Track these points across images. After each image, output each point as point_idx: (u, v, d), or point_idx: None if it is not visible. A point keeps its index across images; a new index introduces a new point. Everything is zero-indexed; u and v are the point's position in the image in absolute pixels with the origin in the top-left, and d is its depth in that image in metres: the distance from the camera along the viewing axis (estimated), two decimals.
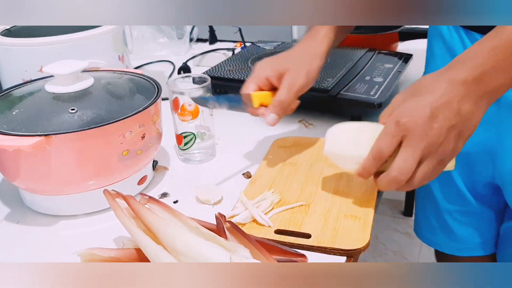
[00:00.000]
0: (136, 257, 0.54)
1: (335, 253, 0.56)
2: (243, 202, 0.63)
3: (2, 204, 0.70)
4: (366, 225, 0.60)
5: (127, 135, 0.64)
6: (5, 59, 0.85)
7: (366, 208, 0.62)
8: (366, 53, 1.05)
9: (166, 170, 0.78)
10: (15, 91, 0.70)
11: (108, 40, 0.88)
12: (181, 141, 0.77)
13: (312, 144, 0.80)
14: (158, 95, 0.69)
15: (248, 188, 0.69)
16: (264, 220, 0.60)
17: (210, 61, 1.21)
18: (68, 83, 0.66)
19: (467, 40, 0.70)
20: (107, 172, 0.65)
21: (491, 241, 0.89)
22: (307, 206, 0.64)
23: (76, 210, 0.67)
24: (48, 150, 0.59)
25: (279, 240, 0.58)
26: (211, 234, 0.52)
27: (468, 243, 0.88)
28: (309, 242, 0.57)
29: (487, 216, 0.86)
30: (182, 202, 0.69)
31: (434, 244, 0.93)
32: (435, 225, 0.90)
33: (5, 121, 0.62)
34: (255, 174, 0.72)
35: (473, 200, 0.84)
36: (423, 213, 0.93)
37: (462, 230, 0.87)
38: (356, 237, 0.57)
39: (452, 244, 0.90)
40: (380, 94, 0.86)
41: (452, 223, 0.87)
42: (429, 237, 0.93)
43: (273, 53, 1.07)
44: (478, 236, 0.88)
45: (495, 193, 0.82)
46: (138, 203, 0.56)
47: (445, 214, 0.87)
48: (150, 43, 1.35)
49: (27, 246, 0.62)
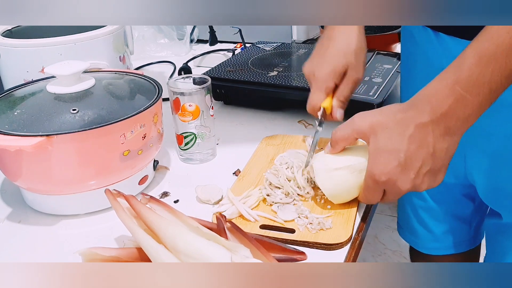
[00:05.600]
0: (137, 256, 0.54)
1: (318, 247, 0.58)
2: (229, 198, 0.64)
3: (4, 204, 0.71)
4: (349, 220, 0.61)
5: (128, 135, 0.64)
6: (6, 60, 0.85)
7: (350, 204, 0.64)
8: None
9: (167, 170, 0.78)
10: (17, 92, 0.71)
11: (109, 41, 0.88)
12: (181, 141, 0.78)
13: (300, 142, 0.81)
14: (159, 95, 0.70)
15: (236, 185, 0.70)
16: (250, 216, 0.62)
17: (211, 61, 1.21)
18: (69, 83, 0.67)
19: (435, 41, 0.70)
20: (108, 172, 0.65)
21: (466, 240, 0.90)
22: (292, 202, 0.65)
23: (77, 210, 0.67)
24: (50, 150, 0.60)
25: (264, 235, 0.59)
26: (211, 233, 0.52)
27: (444, 241, 0.90)
28: (292, 237, 0.59)
29: (462, 215, 0.87)
30: (183, 202, 0.69)
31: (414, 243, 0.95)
32: (413, 223, 0.91)
33: (7, 121, 0.63)
34: (242, 171, 0.73)
35: (449, 199, 0.85)
36: (403, 212, 0.94)
37: (438, 228, 0.89)
38: (339, 232, 0.59)
39: (430, 244, 0.91)
40: (379, 94, 0.87)
41: (429, 221, 0.89)
42: (409, 236, 0.95)
43: (273, 54, 1.09)
44: (454, 235, 0.89)
45: (469, 191, 0.83)
46: (139, 202, 0.56)
47: (422, 212, 0.89)
48: (151, 44, 1.35)
49: (28, 245, 0.62)
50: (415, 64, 0.76)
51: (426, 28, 0.70)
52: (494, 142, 0.68)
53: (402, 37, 0.81)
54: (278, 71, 0.97)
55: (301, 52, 1.10)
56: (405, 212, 0.93)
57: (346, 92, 0.70)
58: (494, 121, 0.66)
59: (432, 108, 0.52)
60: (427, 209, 0.88)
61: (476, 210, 0.87)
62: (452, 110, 0.52)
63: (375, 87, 0.89)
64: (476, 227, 0.90)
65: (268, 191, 0.66)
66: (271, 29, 1.29)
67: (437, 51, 0.69)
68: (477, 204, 0.86)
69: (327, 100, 0.70)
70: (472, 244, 0.91)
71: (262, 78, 0.94)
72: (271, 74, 0.96)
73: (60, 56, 0.82)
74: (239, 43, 1.28)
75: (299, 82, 0.92)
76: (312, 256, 0.56)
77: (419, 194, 0.87)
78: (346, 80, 0.70)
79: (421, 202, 0.88)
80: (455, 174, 0.76)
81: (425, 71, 0.55)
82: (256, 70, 0.98)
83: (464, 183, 0.78)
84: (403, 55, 0.82)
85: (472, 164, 0.73)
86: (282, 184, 0.66)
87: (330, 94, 0.70)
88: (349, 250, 0.58)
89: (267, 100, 0.94)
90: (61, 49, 0.82)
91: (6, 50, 0.84)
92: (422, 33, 0.72)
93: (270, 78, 0.94)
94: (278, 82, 0.92)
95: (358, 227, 0.62)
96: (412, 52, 0.77)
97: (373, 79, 0.93)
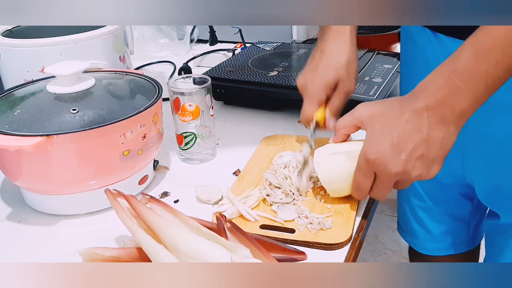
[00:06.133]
0: (137, 256, 0.55)
1: (318, 247, 0.58)
2: (229, 198, 0.64)
3: (4, 204, 0.71)
4: (349, 220, 0.61)
5: (128, 135, 0.64)
6: (6, 60, 0.85)
7: (350, 205, 0.64)
8: (365, 53, 1.06)
9: (167, 170, 0.78)
10: (17, 92, 0.71)
11: (109, 41, 0.88)
12: (181, 141, 0.78)
13: (299, 142, 0.81)
14: (159, 95, 0.70)
15: (236, 185, 0.70)
16: (250, 215, 0.62)
17: (211, 61, 1.21)
18: (69, 83, 0.67)
19: (434, 41, 0.70)
20: (108, 171, 0.65)
21: (465, 241, 0.90)
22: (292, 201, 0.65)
23: (77, 210, 0.67)
24: (50, 150, 0.60)
25: (264, 235, 0.59)
26: (211, 233, 0.52)
27: (443, 242, 0.90)
28: (292, 237, 0.59)
29: (461, 215, 0.87)
30: (183, 202, 0.69)
31: (413, 244, 0.95)
32: (412, 223, 0.91)
33: (7, 121, 0.63)
34: (242, 171, 0.73)
35: (447, 199, 0.85)
36: (402, 212, 0.94)
37: (437, 229, 0.89)
38: (339, 232, 0.59)
39: (429, 244, 0.91)
40: (379, 94, 0.87)
41: (428, 221, 0.89)
42: (408, 237, 0.95)
43: (273, 54, 1.09)
44: (452, 236, 0.89)
45: (468, 191, 0.83)
46: (139, 202, 0.56)
47: (420, 212, 0.89)
48: (151, 44, 1.35)
49: (28, 245, 0.63)
50: (414, 64, 0.76)
51: (425, 29, 0.70)
52: (492, 144, 0.68)
53: (402, 37, 0.81)
54: (278, 71, 0.97)
55: (301, 52, 1.10)
56: (404, 212, 0.93)
57: (338, 103, 0.71)
58: (493, 122, 0.66)
59: (427, 95, 0.53)
60: (426, 209, 0.88)
61: (475, 211, 0.87)
62: (447, 99, 0.52)
63: (375, 87, 0.89)
64: (475, 228, 0.90)
65: (268, 191, 0.66)
66: (271, 29, 1.29)
67: (436, 52, 0.69)
68: (475, 204, 0.86)
69: (320, 112, 0.71)
70: (471, 245, 0.92)
71: (262, 78, 0.94)
72: (271, 74, 0.96)
73: (60, 56, 0.82)
74: (239, 43, 1.28)
75: None
76: (312, 256, 0.56)
77: (417, 193, 0.87)
78: (337, 92, 0.71)
79: (419, 202, 0.88)
80: (452, 174, 0.76)
81: (424, 71, 0.56)
82: (256, 70, 0.98)
83: (462, 183, 0.78)
84: (403, 55, 0.82)
85: (471, 165, 0.73)
86: (281, 183, 0.66)
87: (322, 105, 0.71)
88: (349, 250, 0.58)
89: (267, 100, 0.94)
90: (61, 49, 0.82)
91: (6, 50, 0.84)
92: (421, 33, 0.72)
93: (270, 78, 0.94)
94: (278, 82, 0.92)
95: (358, 227, 0.62)
96: (412, 52, 0.77)
97: (373, 79, 0.93)
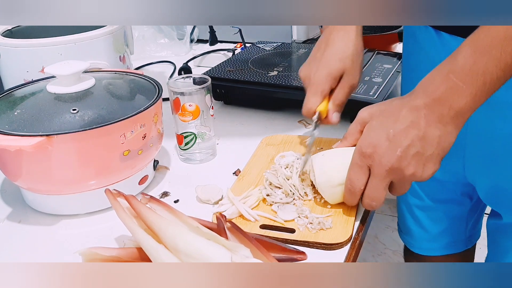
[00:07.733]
0: (137, 256, 0.55)
1: (318, 247, 0.58)
2: (229, 198, 0.64)
3: (4, 204, 0.71)
4: (349, 220, 0.61)
5: (128, 135, 0.64)
6: (6, 60, 0.85)
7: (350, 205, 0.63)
8: (366, 53, 1.05)
9: (167, 170, 0.78)
10: (17, 92, 0.71)
11: (109, 41, 0.88)
12: (181, 141, 0.78)
13: (300, 142, 0.81)
14: (159, 95, 0.70)
15: (236, 185, 0.70)
16: (250, 215, 0.62)
17: (211, 61, 1.21)
18: (69, 83, 0.67)
19: (437, 40, 0.70)
20: (108, 171, 0.65)
21: (462, 240, 0.90)
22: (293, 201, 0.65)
23: (77, 210, 0.67)
24: (50, 150, 0.60)
25: (264, 235, 0.59)
26: (211, 233, 0.52)
27: (440, 241, 0.90)
28: (293, 237, 0.59)
29: (459, 213, 0.87)
30: (183, 202, 0.69)
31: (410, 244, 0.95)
32: (409, 223, 0.91)
33: (7, 121, 0.63)
34: (242, 171, 0.73)
35: (446, 198, 0.85)
36: (400, 212, 0.94)
37: (434, 228, 0.89)
38: (339, 232, 0.59)
39: (426, 244, 0.91)
40: (379, 94, 0.87)
41: (425, 220, 0.89)
42: (405, 237, 0.95)
43: (273, 54, 1.09)
44: (450, 235, 0.89)
45: (468, 190, 0.83)
46: (139, 202, 0.56)
47: (417, 211, 0.89)
48: (151, 44, 1.35)
49: (28, 245, 0.63)
50: (416, 63, 0.76)
51: (428, 27, 0.70)
52: (494, 143, 0.68)
53: (404, 36, 0.81)
54: (278, 71, 0.97)
55: (301, 52, 1.10)
56: (402, 212, 0.93)
57: (342, 96, 0.70)
58: (494, 121, 0.66)
59: (425, 93, 0.53)
60: (424, 208, 0.88)
61: (473, 209, 0.88)
62: (445, 97, 0.52)
63: (375, 87, 0.89)
64: (472, 226, 0.90)
65: (268, 191, 0.66)
66: (271, 29, 1.29)
67: (439, 50, 0.69)
68: (474, 202, 0.86)
69: (323, 104, 0.69)
70: (467, 244, 0.92)
71: (262, 78, 0.94)
72: (271, 74, 0.96)
73: (60, 56, 0.82)
74: (239, 43, 1.28)
75: (299, 82, 0.91)
76: (312, 256, 0.56)
77: (415, 192, 0.87)
78: (342, 84, 0.70)
79: (417, 201, 0.88)
80: (453, 173, 0.76)
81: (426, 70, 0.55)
82: (256, 70, 0.98)
83: (463, 182, 0.78)
84: (405, 54, 0.82)
85: (472, 164, 0.73)
86: (282, 183, 0.66)
87: (325, 97, 0.70)
88: (349, 250, 0.58)
89: (267, 100, 0.94)
90: (61, 49, 0.82)
91: (6, 50, 0.84)
92: (424, 32, 0.72)
93: (270, 78, 0.94)
94: (278, 82, 0.92)
95: (358, 227, 0.62)
96: (414, 51, 0.77)
97: (373, 79, 0.93)
